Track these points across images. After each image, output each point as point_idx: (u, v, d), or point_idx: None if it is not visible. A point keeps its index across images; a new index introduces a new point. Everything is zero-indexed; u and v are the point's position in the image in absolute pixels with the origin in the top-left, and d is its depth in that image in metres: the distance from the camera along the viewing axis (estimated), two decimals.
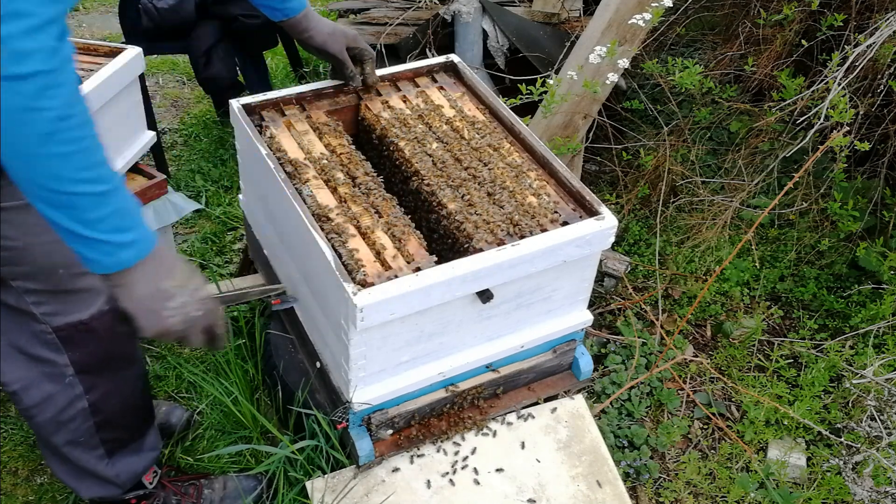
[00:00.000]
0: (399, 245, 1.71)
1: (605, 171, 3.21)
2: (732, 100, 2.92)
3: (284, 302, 2.01)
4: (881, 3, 2.57)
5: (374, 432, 1.86)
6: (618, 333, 2.59)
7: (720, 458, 2.31)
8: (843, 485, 2.16)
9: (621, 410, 2.39)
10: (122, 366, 1.74)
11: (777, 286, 2.81)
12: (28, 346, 1.61)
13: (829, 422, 2.38)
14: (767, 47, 2.83)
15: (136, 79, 2.49)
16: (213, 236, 2.96)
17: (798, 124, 2.57)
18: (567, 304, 1.94)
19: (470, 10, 3.27)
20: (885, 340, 2.53)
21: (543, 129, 2.77)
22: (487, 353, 1.90)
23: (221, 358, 2.22)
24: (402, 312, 1.63)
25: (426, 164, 1.90)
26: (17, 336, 1.60)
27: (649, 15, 2.45)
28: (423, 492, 1.86)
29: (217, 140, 3.47)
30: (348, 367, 1.72)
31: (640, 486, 2.22)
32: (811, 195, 2.78)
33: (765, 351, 2.64)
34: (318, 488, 1.84)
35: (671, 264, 2.81)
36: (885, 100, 2.61)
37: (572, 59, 2.76)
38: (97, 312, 1.62)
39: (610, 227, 1.78)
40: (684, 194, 2.98)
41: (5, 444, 2.23)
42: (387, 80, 2.16)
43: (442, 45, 3.35)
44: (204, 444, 2.19)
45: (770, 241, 2.91)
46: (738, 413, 2.45)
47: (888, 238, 2.71)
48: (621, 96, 3.23)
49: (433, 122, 2.03)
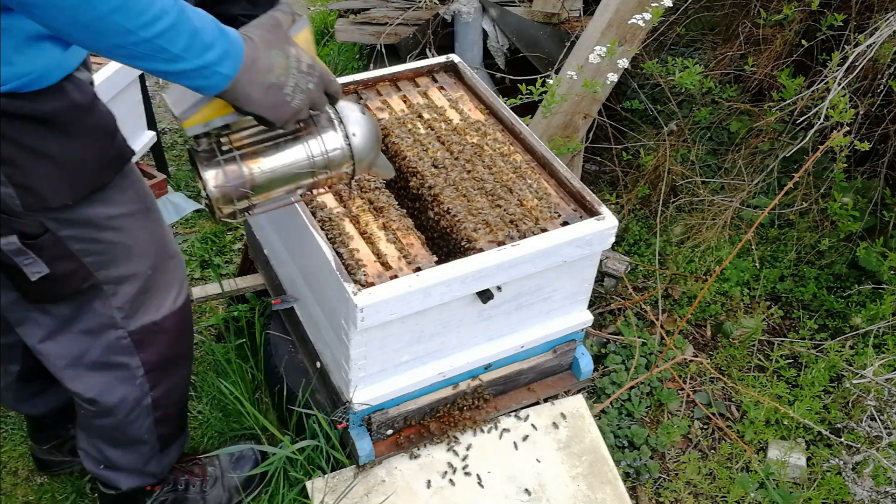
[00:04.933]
0: (399, 245, 1.71)
1: (605, 171, 3.21)
2: (732, 100, 2.92)
3: (284, 302, 2.01)
4: (881, 3, 2.57)
5: (374, 432, 1.86)
6: (618, 333, 2.59)
7: (720, 458, 2.31)
8: (843, 485, 2.16)
9: (621, 410, 2.39)
10: (181, 362, 1.79)
11: (777, 286, 2.81)
12: (103, 357, 1.63)
13: (829, 422, 2.38)
14: (767, 47, 2.83)
15: (136, 79, 2.50)
16: (213, 236, 2.96)
17: (798, 124, 2.58)
18: (567, 304, 1.94)
19: (470, 10, 3.27)
20: (885, 340, 2.53)
21: (543, 129, 2.77)
22: (487, 353, 1.90)
23: (222, 357, 2.22)
24: (403, 312, 1.63)
25: (426, 164, 1.90)
26: (93, 351, 1.62)
27: (649, 15, 2.45)
28: (423, 492, 1.86)
29: None
30: (348, 367, 1.72)
31: (640, 486, 2.22)
32: (811, 195, 2.78)
33: (765, 351, 2.64)
34: (319, 488, 1.84)
35: (671, 264, 2.81)
36: (885, 100, 2.61)
37: (572, 59, 2.76)
38: (168, 312, 1.66)
39: (610, 227, 1.78)
40: (684, 194, 2.98)
41: (5, 444, 2.23)
42: (387, 80, 2.16)
43: (442, 45, 3.35)
44: (204, 444, 2.19)
45: (770, 241, 2.92)
46: (738, 413, 2.45)
47: (888, 238, 2.71)
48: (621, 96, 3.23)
49: (433, 122, 2.03)
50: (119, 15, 1.10)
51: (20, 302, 1.54)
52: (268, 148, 1.42)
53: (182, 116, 1.31)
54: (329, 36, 4.20)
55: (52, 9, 1.08)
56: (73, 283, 1.50)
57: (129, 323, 1.61)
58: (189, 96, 1.32)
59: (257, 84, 1.29)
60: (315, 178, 1.46)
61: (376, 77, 2.15)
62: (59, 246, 1.44)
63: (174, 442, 1.88)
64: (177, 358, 1.76)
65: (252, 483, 2.02)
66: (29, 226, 1.39)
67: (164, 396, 1.75)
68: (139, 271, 1.58)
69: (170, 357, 1.72)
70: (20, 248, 1.39)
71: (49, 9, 1.08)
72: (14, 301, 1.54)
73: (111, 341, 1.62)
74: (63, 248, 1.44)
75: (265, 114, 1.32)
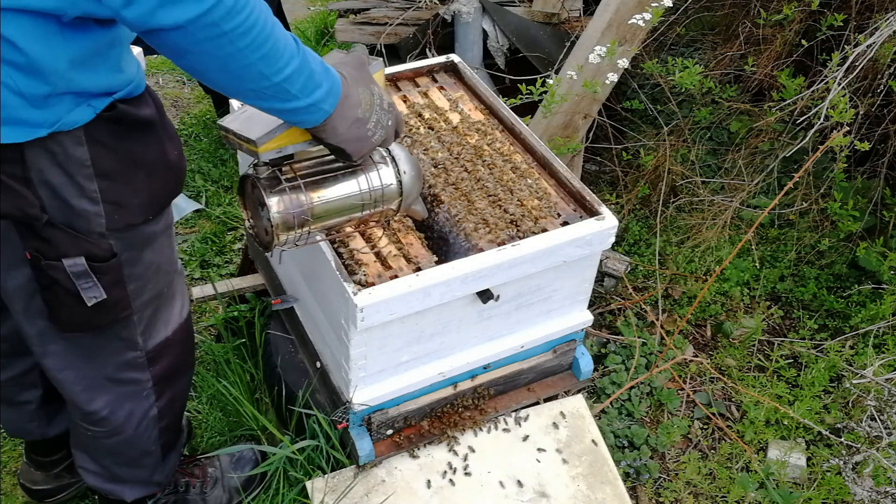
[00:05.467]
0: (399, 245, 1.71)
1: (605, 171, 3.21)
2: (732, 100, 2.92)
3: (284, 302, 2.01)
4: (881, 3, 2.57)
5: (374, 432, 1.86)
6: (618, 333, 2.59)
7: (720, 458, 2.31)
8: (843, 485, 2.16)
9: (621, 410, 2.39)
10: (185, 370, 1.78)
11: (777, 286, 2.81)
12: (114, 374, 1.61)
13: (829, 422, 2.38)
14: (767, 47, 2.83)
15: None
16: (213, 236, 2.96)
17: (798, 124, 2.58)
18: (567, 304, 1.94)
19: (470, 10, 3.27)
20: (885, 340, 2.53)
21: (543, 129, 2.77)
22: (487, 353, 1.90)
23: (221, 358, 2.22)
24: (403, 312, 1.63)
25: (426, 165, 1.90)
26: (108, 371, 1.61)
27: (649, 15, 2.45)
28: (423, 492, 1.86)
29: (217, 140, 3.47)
30: (348, 367, 1.72)
31: (640, 486, 2.22)
32: (811, 195, 2.78)
33: (765, 351, 2.64)
34: (319, 488, 1.84)
35: (671, 264, 2.81)
36: (885, 100, 2.61)
37: (572, 59, 2.76)
38: (177, 326, 1.65)
39: (610, 228, 1.78)
40: (684, 194, 2.98)
41: (5, 444, 2.23)
42: (387, 80, 2.16)
43: (442, 45, 3.34)
44: (204, 444, 2.19)
45: (770, 241, 2.92)
46: (738, 413, 2.45)
47: (888, 238, 2.72)
48: (621, 96, 3.23)
49: (433, 122, 2.03)
50: (263, 63, 1.17)
51: (46, 333, 1.50)
52: (327, 178, 1.46)
53: (259, 142, 1.34)
54: (329, 36, 4.20)
55: (206, 56, 1.14)
56: (114, 312, 1.47)
57: (147, 344, 1.60)
58: (261, 122, 1.35)
59: (346, 119, 1.33)
60: (363, 213, 1.52)
61: None
62: (118, 270, 1.42)
63: (175, 447, 1.87)
64: (182, 366, 1.75)
65: (252, 483, 2.01)
66: (99, 247, 1.37)
67: (169, 406, 1.74)
68: (159, 290, 1.56)
69: (177, 367, 1.71)
70: (86, 269, 1.36)
71: (203, 56, 1.14)
72: (40, 332, 1.50)
73: (128, 360, 1.60)
74: (119, 273, 1.43)
75: (347, 147, 1.36)
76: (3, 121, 1.16)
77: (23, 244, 1.33)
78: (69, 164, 1.26)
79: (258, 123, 1.35)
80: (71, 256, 1.34)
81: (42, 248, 1.33)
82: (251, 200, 1.47)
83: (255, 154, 1.36)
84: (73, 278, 1.36)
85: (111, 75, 1.25)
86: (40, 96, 1.17)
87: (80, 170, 1.28)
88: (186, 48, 1.12)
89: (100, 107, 1.25)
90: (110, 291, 1.41)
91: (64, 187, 1.28)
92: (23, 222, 1.30)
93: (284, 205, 1.41)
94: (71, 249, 1.34)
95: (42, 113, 1.19)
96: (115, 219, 1.36)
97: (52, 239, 1.32)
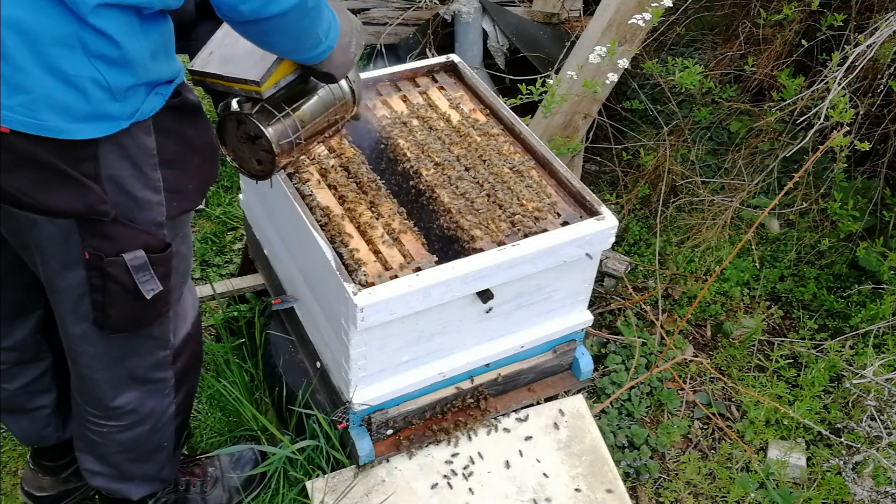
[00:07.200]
0: (399, 245, 1.71)
1: (605, 171, 3.21)
2: (732, 100, 2.92)
3: (284, 302, 2.01)
4: (881, 3, 2.57)
5: (374, 432, 1.86)
6: (618, 333, 2.59)
7: (720, 458, 2.31)
8: (843, 485, 2.16)
9: (621, 410, 2.39)
10: (198, 366, 1.79)
11: (777, 286, 2.81)
12: (146, 374, 1.62)
13: (829, 422, 2.38)
14: (767, 47, 2.83)
15: None
16: (213, 236, 2.96)
17: (798, 124, 2.58)
18: (567, 304, 1.94)
19: (470, 10, 3.27)
20: (885, 340, 2.53)
21: (543, 129, 2.77)
22: (487, 353, 1.90)
23: (221, 358, 2.22)
24: (403, 312, 1.63)
25: (426, 164, 1.90)
26: (141, 370, 1.61)
27: (649, 15, 2.45)
28: (423, 492, 1.86)
29: None
30: (348, 367, 1.72)
31: (640, 486, 2.22)
32: (811, 195, 2.78)
33: (765, 351, 2.64)
34: (319, 488, 1.84)
35: (671, 264, 2.81)
36: (885, 100, 2.61)
37: (572, 59, 2.76)
38: (193, 319, 1.66)
39: (610, 228, 1.78)
40: (684, 194, 2.98)
41: (5, 444, 2.23)
42: (387, 80, 2.16)
43: (442, 45, 3.34)
44: (204, 444, 2.19)
45: (770, 241, 2.92)
46: (738, 413, 2.45)
47: (888, 238, 2.72)
48: (621, 96, 3.24)
49: (433, 122, 2.03)
50: (319, 27, 1.29)
51: (88, 335, 1.49)
52: (306, 101, 1.53)
53: (262, 81, 1.39)
54: None
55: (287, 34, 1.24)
56: (158, 306, 1.47)
57: (175, 340, 1.61)
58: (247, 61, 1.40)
59: (341, 48, 1.39)
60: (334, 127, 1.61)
61: (376, 77, 2.15)
62: (170, 261, 1.42)
63: (182, 443, 1.87)
64: (196, 362, 1.75)
65: (252, 483, 2.01)
66: (156, 238, 1.37)
67: (184, 402, 1.74)
68: (185, 282, 1.57)
69: (192, 363, 1.72)
70: (145, 262, 1.37)
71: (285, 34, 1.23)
72: (83, 333, 1.49)
73: (158, 360, 1.61)
74: (170, 264, 1.43)
75: (335, 71, 1.42)
76: (92, 117, 1.18)
77: (82, 244, 1.33)
78: (138, 155, 1.28)
79: (245, 62, 1.40)
80: (130, 251, 1.35)
81: (102, 246, 1.33)
82: (235, 138, 1.51)
83: (254, 93, 1.40)
84: (132, 272, 1.36)
85: (172, 63, 1.30)
86: (123, 89, 1.20)
87: (147, 160, 1.29)
88: (278, 29, 1.20)
89: (167, 94, 1.29)
90: (164, 283, 1.42)
91: (130, 179, 1.29)
92: (88, 220, 1.30)
93: (280, 133, 1.47)
94: (130, 244, 1.35)
95: (122, 105, 1.21)
96: (173, 206, 1.37)
97: (112, 235, 1.32)
